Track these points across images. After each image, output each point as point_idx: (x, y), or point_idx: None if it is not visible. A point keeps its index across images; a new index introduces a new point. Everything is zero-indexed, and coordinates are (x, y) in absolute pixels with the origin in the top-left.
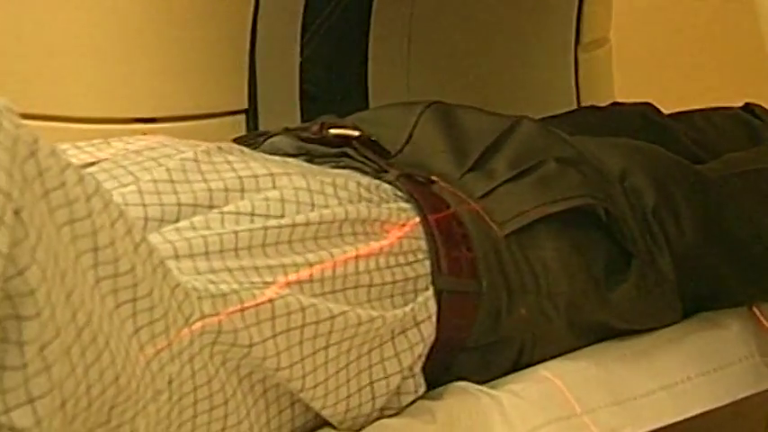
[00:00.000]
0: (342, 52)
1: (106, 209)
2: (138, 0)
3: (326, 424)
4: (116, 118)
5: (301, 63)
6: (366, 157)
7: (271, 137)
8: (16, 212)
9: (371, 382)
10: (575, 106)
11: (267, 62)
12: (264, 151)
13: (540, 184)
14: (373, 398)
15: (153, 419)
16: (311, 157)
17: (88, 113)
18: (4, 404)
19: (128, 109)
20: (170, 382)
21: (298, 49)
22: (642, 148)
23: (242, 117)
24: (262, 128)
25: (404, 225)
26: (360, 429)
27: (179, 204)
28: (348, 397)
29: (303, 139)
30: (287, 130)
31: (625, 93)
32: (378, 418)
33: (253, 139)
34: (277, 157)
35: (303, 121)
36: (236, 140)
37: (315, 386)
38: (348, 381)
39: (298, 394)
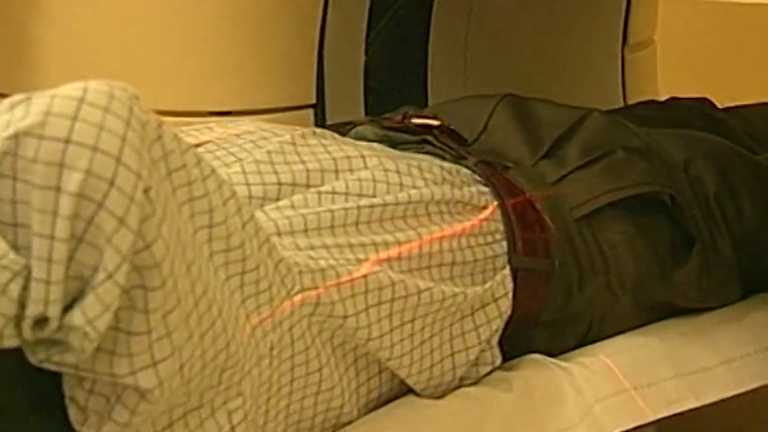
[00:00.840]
0: (403, 51)
1: (220, 189)
2: (216, 2)
3: (410, 391)
4: (194, 111)
5: (366, 61)
6: (446, 145)
7: (356, 126)
8: (145, 191)
9: (453, 353)
10: (621, 104)
11: (334, 60)
12: (350, 138)
13: (608, 171)
14: (454, 368)
15: (256, 383)
16: (394, 144)
17: (168, 107)
18: (131, 366)
19: (205, 103)
20: (272, 349)
21: (363, 48)
22: (703, 138)
23: (310, 111)
24: (329, 121)
25: (484, 208)
26: (441, 397)
27: (279, 183)
28: (431, 366)
29: (387, 128)
30: (371, 120)
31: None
32: (457, 387)
33: (341, 127)
34: (364, 143)
35: (366, 115)
36: (324, 128)
37: (401, 356)
38: (431, 351)
39: (385, 363)
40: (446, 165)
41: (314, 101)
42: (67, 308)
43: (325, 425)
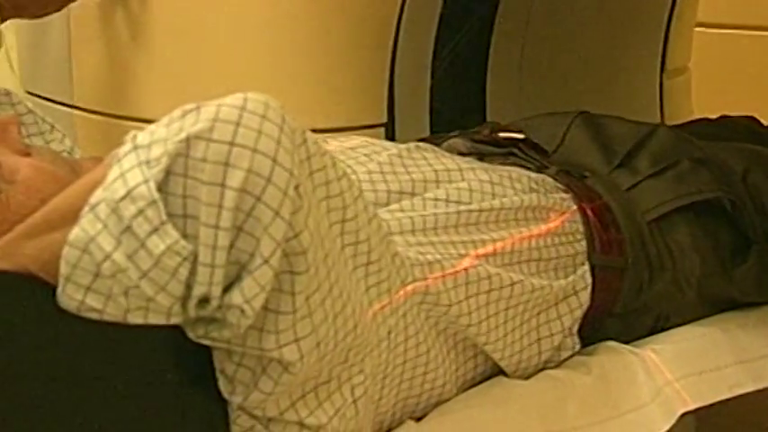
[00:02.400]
0: (464, 75)
1: (350, 188)
2: (299, 32)
3: (500, 372)
4: None
5: (431, 84)
6: (530, 156)
7: (447, 139)
8: (296, 187)
9: (539, 339)
10: None
11: (404, 83)
12: (444, 149)
13: (676, 179)
14: (540, 352)
15: (375, 362)
16: (482, 155)
17: None
18: (277, 342)
19: None
20: (389, 333)
21: (429, 72)
22: (760, 151)
23: (381, 129)
24: (398, 140)
25: (565, 212)
26: (527, 378)
27: (388, 191)
28: (521, 350)
29: (476, 141)
30: (462, 134)
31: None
32: (541, 370)
33: (435, 140)
34: (458, 156)
35: (432, 133)
36: (422, 141)
37: (496, 340)
38: (521, 337)
39: (481, 347)
40: (532, 174)
41: (385, 120)
42: (226, 289)
43: (429, 401)
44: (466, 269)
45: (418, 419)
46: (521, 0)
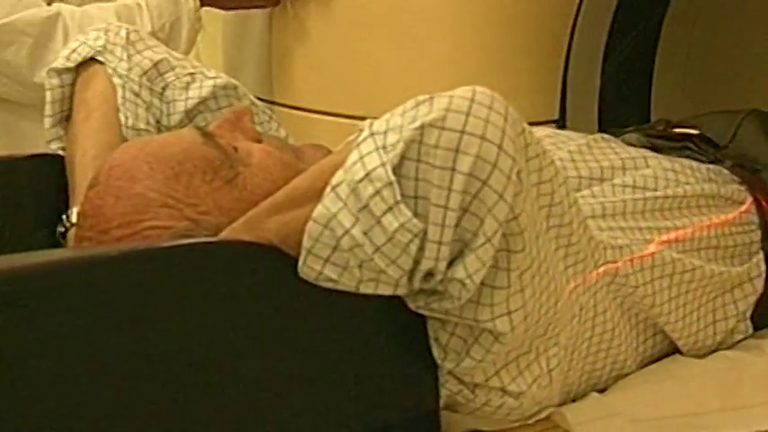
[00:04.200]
0: (632, 76)
1: (557, 175)
2: (481, 33)
3: (675, 351)
4: None
5: (601, 84)
6: (704, 150)
7: (623, 133)
8: (518, 173)
9: (715, 321)
10: None
11: (576, 83)
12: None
13: None
14: (715, 333)
15: (567, 335)
16: (657, 150)
17: None
18: (492, 314)
19: None
20: (581, 309)
21: (599, 73)
22: None
23: (554, 125)
24: None
25: (742, 203)
26: (702, 357)
27: (579, 177)
28: (697, 331)
29: (651, 136)
30: (636, 129)
31: None
32: (715, 350)
33: (612, 133)
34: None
35: (600, 130)
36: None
37: (676, 321)
38: (698, 319)
39: (661, 326)
40: (711, 166)
41: (557, 116)
42: (449, 264)
43: (611, 375)
44: (652, 254)
45: (600, 391)
46: (688, 5)
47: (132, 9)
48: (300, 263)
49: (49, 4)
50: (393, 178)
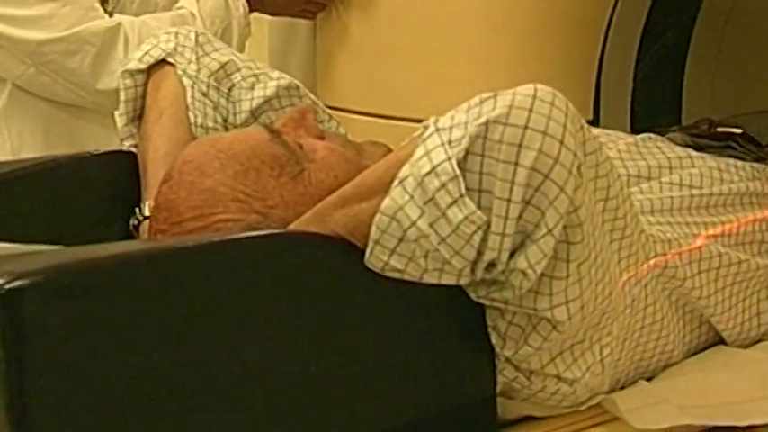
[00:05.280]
0: (664, 76)
1: (612, 171)
2: (515, 34)
3: (720, 341)
4: None
5: (633, 86)
6: (747, 149)
7: (666, 133)
8: (578, 167)
9: (759, 313)
10: None
11: (609, 84)
12: None
13: None
14: (759, 324)
15: (619, 325)
16: (700, 149)
17: None
18: (550, 303)
19: None
20: (632, 301)
21: (632, 76)
22: None
23: None
24: None
25: None
26: (746, 347)
27: (628, 175)
28: (742, 322)
29: (694, 135)
30: (679, 128)
31: None
32: (759, 341)
33: (658, 133)
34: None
35: (632, 130)
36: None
37: (722, 312)
38: (743, 310)
39: (707, 317)
40: (755, 164)
41: (591, 117)
42: (511, 255)
43: (659, 364)
44: (699, 248)
45: (648, 380)
46: (719, 9)
47: (186, 18)
48: (368, 254)
49: (110, 15)
50: (458, 172)
